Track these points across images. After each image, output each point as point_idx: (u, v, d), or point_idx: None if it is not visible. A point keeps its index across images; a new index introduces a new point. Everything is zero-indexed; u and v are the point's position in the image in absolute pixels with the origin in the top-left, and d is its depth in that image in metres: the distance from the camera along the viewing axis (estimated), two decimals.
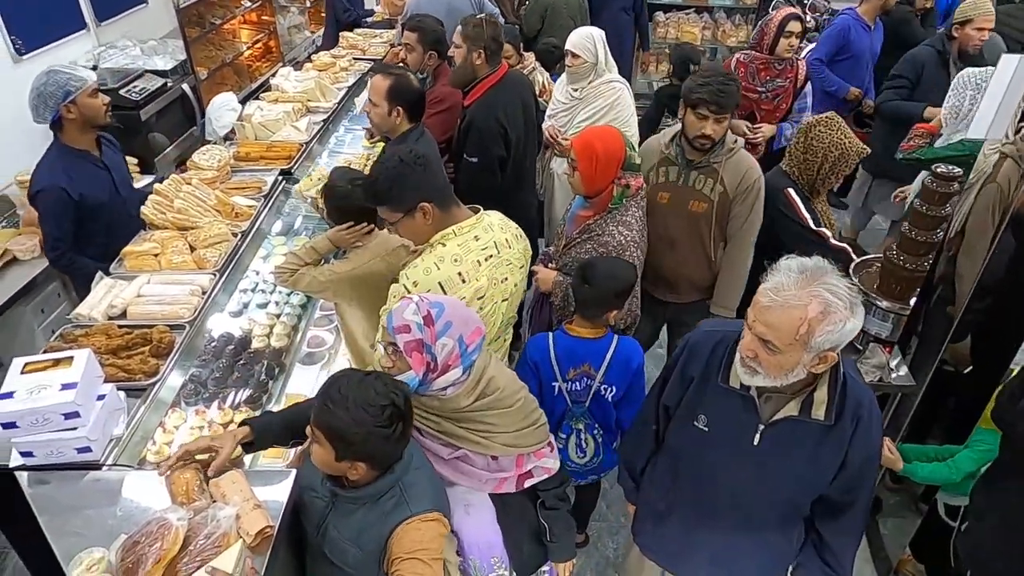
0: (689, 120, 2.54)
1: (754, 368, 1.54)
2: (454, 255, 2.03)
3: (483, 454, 1.83)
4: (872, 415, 1.62)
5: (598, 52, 3.36)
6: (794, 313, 1.43)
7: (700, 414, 1.74)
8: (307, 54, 6.13)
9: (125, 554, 1.48)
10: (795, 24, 3.69)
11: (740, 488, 1.75)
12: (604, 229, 2.40)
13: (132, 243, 2.54)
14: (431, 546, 1.59)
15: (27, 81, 3.75)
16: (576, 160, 2.36)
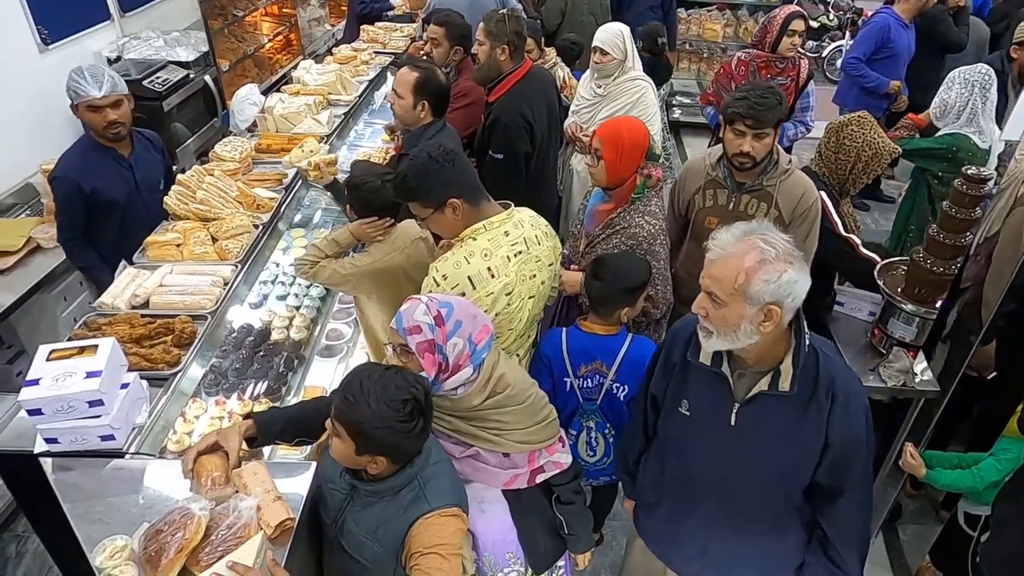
0: (727, 137, 2.41)
1: (707, 328, 1.58)
2: (484, 250, 2.03)
3: (495, 451, 1.83)
4: (851, 395, 1.62)
5: (626, 49, 3.34)
6: (731, 263, 1.50)
7: (683, 399, 1.76)
8: (327, 47, 6.15)
9: (148, 542, 1.49)
10: (798, 23, 3.58)
11: (721, 471, 1.75)
12: (630, 221, 2.38)
13: (155, 233, 2.56)
14: (451, 541, 1.59)
15: (52, 71, 3.81)
16: (601, 149, 2.34)
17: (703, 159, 2.61)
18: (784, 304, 1.49)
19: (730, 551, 1.85)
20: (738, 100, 2.35)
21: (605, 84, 3.35)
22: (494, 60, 3.10)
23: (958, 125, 3.34)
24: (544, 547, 2.05)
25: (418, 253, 2.49)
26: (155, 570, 1.45)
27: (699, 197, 2.58)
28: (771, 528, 1.79)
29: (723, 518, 1.80)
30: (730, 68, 3.81)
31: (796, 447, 1.65)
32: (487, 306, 2.02)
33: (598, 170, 2.38)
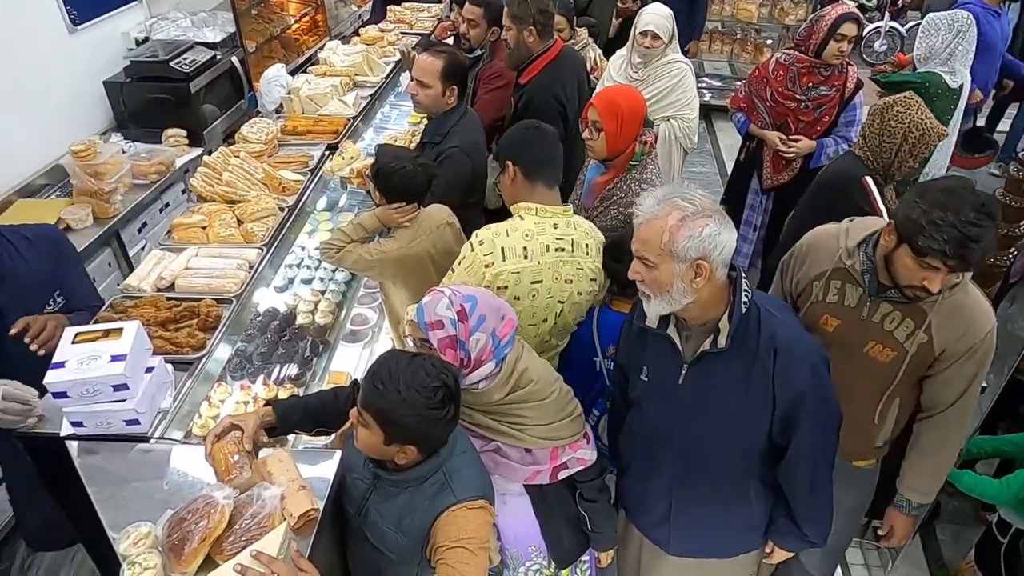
0: (904, 262, 1.72)
1: (645, 292, 1.62)
2: (527, 230, 2.02)
3: (517, 447, 1.79)
4: (794, 351, 1.61)
5: (674, 32, 3.24)
6: (656, 224, 1.54)
7: (643, 366, 1.78)
8: (353, 28, 6.10)
9: (171, 530, 1.47)
10: (850, 27, 3.12)
11: (677, 433, 1.75)
12: (627, 190, 2.35)
13: (181, 215, 2.54)
14: (477, 535, 1.55)
15: (81, 52, 3.82)
16: (600, 120, 2.30)
17: (836, 236, 1.98)
18: (712, 258, 1.52)
19: (692, 514, 1.85)
20: (939, 226, 1.62)
21: (642, 68, 3.24)
22: (523, 43, 3.02)
23: (934, 64, 3.49)
24: (568, 542, 2.02)
25: (444, 239, 2.45)
26: (178, 559, 1.43)
27: (820, 286, 1.97)
28: (731, 491, 1.79)
29: (683, 479, 1.81)
30: (766, 71, 3.42)
31: (743, 405, 1.65)
32: (509, 283, 2.00)
33: (597, 143, 2.34)
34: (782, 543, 1.86)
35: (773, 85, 3.38)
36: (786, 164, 3.47)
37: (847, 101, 3.34)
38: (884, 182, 2.66)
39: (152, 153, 3.64)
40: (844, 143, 3.39)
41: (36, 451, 1.86)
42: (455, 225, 2.50)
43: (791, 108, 3.36)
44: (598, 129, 2.32)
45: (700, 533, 1.87)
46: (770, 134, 3.42)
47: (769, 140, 3.42)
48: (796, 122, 3.39)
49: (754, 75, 3.55)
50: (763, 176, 3.60)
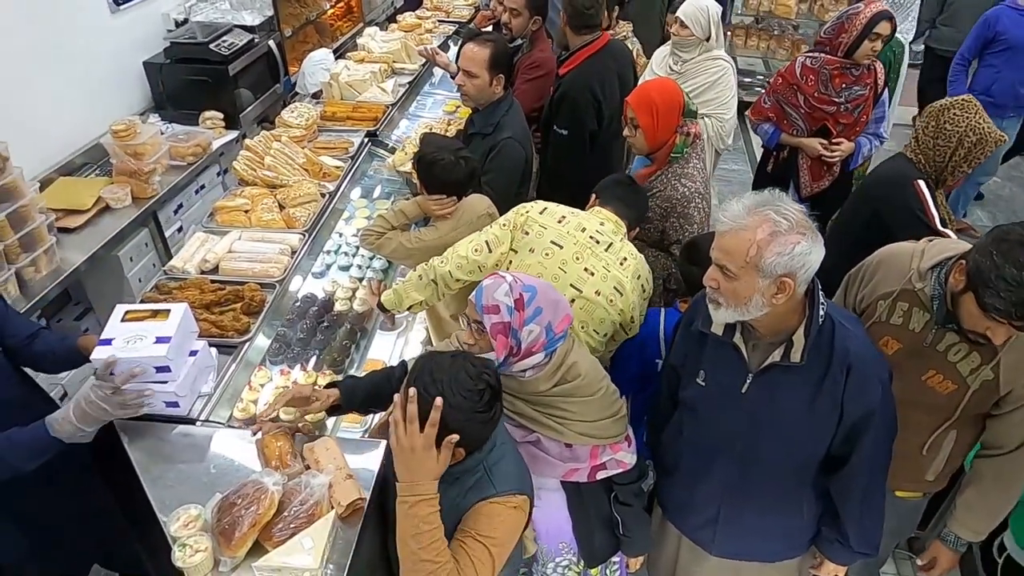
0: (969, 309, 1.66)
1: (717, 300, 1.56)
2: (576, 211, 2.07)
3: (557, 441, 1.77)
4: (867, 367, 1.58)
5: (709, 27, 3.17)
6: (744, 235, 1.47)
7: (700, 369, 1.74)
8: (385, 16, 6.07)
9: (221, 514, 1.47)
10: (885, 25, 3.03)
11: (735, 440, 1.72)
12: (666, 183, 2.34)
13: (224, 198, 2.54)
14: (505, 538, 1.53)
15: (122, 33, 3.83)
16: (636, 116, 2.28)
17: (911, 255, 1.89)
18: (797, 276, 1.47)
19: (743, 519, 1.82)
20: (1012, 289, 1.53)
21: (682, 61, 3.19)
22: (564, 33, 2.99)
23: None
24: (599, 542, 2.00)
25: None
26: (229, 542, 1.43)
27: (886, 306, 1.89)
28: (784, 499, 1.77)
29: (737, 486, 1.78)
30: (793, 76, 3.24)
31: (809, 419, 1.62)
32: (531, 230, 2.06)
33: (637, 139, 2.33)
34: (831, 555, 1.83)
35: (806, 90, 3.24)
36: (827, 170, 3.36)
37: (878, 96, 3.28)
38: (936, 186, 2.59)
39: (189, 135, 3.64)
40: (876, 140, 3.37)
41: None
42: (495, 216, 2.48)
43: (830, 112, 3.24)
44: (635, 126, 2.31)
45: (747, 536, 1.85)
46: (809, 141, 3.29)
47: (809, 148, 3.29)
48: (836, 125, 3.27)
49: (778, 83, 3.36)
50: (800, 185, 3.47)
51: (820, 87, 3.19)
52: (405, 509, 1.38)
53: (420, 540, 1.37)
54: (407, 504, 1.38)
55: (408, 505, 1.38)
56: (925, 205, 2.46)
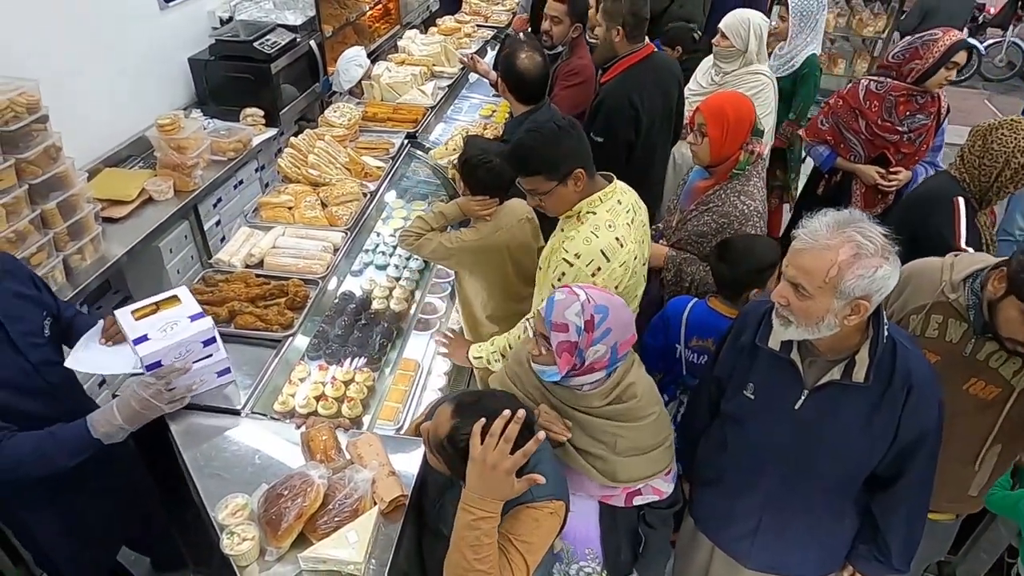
0: (1009, 314, 1.69)
1: (786, 317, 1.53)
2: (607, 221, 1.98)
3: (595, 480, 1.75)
4: (928, 388, 1.56)
5: (749, 40, 3.16)
6: (825, 255, 1.42)
7: (749, 382, 1.72)
8: (420, 19, 6.13)
9: (268, 504, 1.50)
10: (963, 54, 2.93)
11: (783, 455, 1.70)
12: (724, 199, 2.30)
13: (267, 195, 2.58)
14: (539, 543, 1.54)
15: (170, 29, 3.92)
16: (706, 125, 2.25)
17: (940, 268, 1.91)
18: (872, 298, 1.44)
19: (782, 532, 1.81)
20: None
21: (723, 73, 3.19)
22: (609, 41, 2.99)
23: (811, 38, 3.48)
24: (624, 555, 1.99)
25: (523, 233, 2.45)
26: (275, 533, 1.46)
27: (919, 320, 1.90)
28: (828, 514, 1.76)
29: (780, 499, 1.77)
30: (856, 99, 3.11)
31: (864, 436, 1.60)
32: (619, 278, 1.99)
33: (701, 148, 2.29)
34: (867, 571, 1.82)
35: (868, 116, 3.12)
36: (880, 197, 3.26)
37: (938, 127, 3.16)
38: (979, 206, 2.56)
39: (230, 131, 3.71)
40: (931, 168, 3.24)
41: None
42: (534, 220, 2.50)
43: (892, 140, 3.12)
44: (703, 134, 2.28)
45: (785, 550, 1.84)
46: (866, 169, 3.18)
47: (865, 176, 3.20)
48: (896, 154, 3.16)
49: (838, 105, 3.25)
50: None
51: (884, 114, 3.07)
52: (469, 519, 1.38)
53: (478, 551, 1.38)
54: (472, 515, 1.38)
55: (473, 516, 1.38)
56: (956, 222, 2.43)
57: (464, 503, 1.39)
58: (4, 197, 2.45)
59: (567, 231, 2.00)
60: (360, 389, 2.27)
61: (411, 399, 2.52)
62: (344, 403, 2.20)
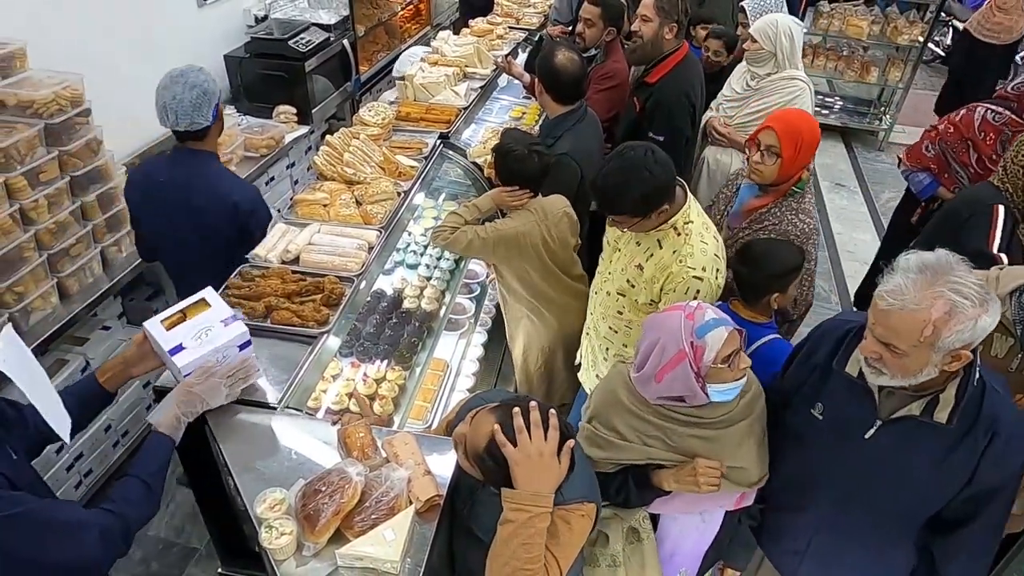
0: None
1: (879, 369, 1.46)
2: (704, 224, 2.03)
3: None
4: (1015, 437, 1.48)
5: (778, 42, 3.13)
6: (917, 316, 1.34)
7: (817, 402, 1.66)
8: (449, 20, 6.16)
9: (306, 500, 1.50)
10: None
11: (845, 481, 1.65)
12: (782, 218, 2.27)
13: (304, 191, 2.60)
14: (573, 544, 1.52)
15: (206, 27, 3.96)
16: (779, 145, 2.20)
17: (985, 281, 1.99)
18: (973, 345, 1.38)
19: (834, 555, 1.76)
20: None
21: (758, 78, 3.16)
22: (659, 39, 2.98)
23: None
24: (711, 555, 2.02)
25: (560, 228, 2.46)
26: (312, 528, 1.46)
27: None
28: (883, 546, 1.70)
29: (834, 524, 1.72)
30: (970, 129, 2.94)
31: (935, 477, 1.54)
32: (725, 270, 2.04)
33: (768, 168, 2.23)
34: None
35: (981, 148, 2.97)
36: None
37: None
38: (1020, 219, 2.51)
39: (263, 128, 3.75)
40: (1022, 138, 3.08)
41: None
42: (572, 216, 2.50)
43: None
44: (774, 154, 2.21)
45: (834, 571, 1.80)
46: None
47: None
48: None
49: (948, 132, 3.09)
50: None
51: (999, 147, 2.90)
52: (524, 518, 1.37)
53: (530, 550, 1.37)
54: (527, 514, 1.36)
55: (528, 515, 1.36)
56: (992, 230, 2.38)
57: (518, 504, 1.38)
58: (47, 188, 2.51)
59: (678, 248, 2.00)
60: (392, 387, 2.28)
61: (439, 399, 2.52)
62: (376, 401, 2.21)
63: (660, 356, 1.65)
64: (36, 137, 2.43)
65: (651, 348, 1.68)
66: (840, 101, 6.82)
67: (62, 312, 2.63)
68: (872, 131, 6.46)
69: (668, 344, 1.64)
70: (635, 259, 2.10)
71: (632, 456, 1.78)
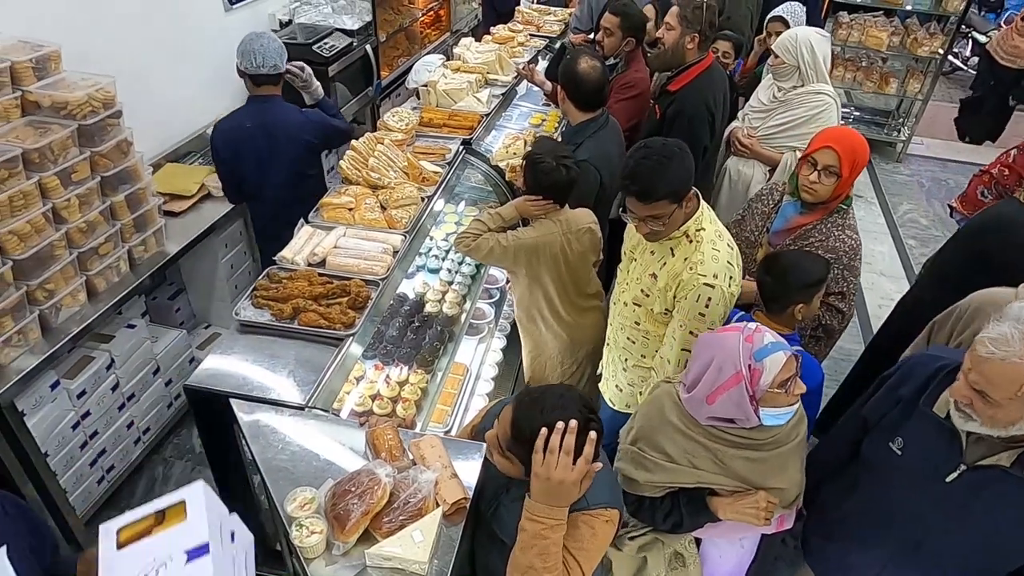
0: None
1: (968, 414, 1.43)
2: (717, 231, 2.02)
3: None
4: None
5: (799, 55, 3.14)
6: (1018, 370, 1.30)
7: (898, 436, 1.63)
8: (468, 27, 6.20)
9: (335, 500, 1.52)
10: None
11: (920, 522, 1.61)
12: (828, 234, 2.26)
13: (329, 195, 2.63)
14: (596, 549, 1.55)
15: (234, 30, 4.00)
16: (839, 165, 2.18)
17: (1011, 297, 1.86)
18: None
19: None
20: None
21: (785, 90, 3.17)
22: (680, 48, 3.00)
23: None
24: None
25: (582, 242, 2.47)
26: (342, 528, 1.48)
27: None
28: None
29: (903, 563, 1.68)
30: None
31: (1020, 534, 1.49)
32: (740, 278, 2.03)
33: (821, 186, 2.22)
34: None
35: None
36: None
37: None
38: None
39: None
40: None
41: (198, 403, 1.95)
42: (596, 232, 2.52)
43: None
44: (833, 174, 2.20)
45: None
46: None
47: None
48: None
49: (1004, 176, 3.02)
50: None
51: None
52: (538, 529, 1.41)
53: (546, 560, 1.42)
54: (541, 524, 1.41)
55: (543, 526, 1.41)
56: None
57: (532, 514, 1.42)
58: (79, 188, 2.55)
59: (689, 256, 2.00)
60: (414, 390, 2.30)
61: (459, 403, 2.54)
62: (399, 404, 2.23)
63: (715, 376, 1.63)
64: (69, 138, 2.48)
65: (704, 367, 1.66)
66: (857, 112, 6.80)
67: (89, 310, 2.67)
68: (890, 142, 6.44)
69: (724, 365, 1.61)
70: (649, 268, 2.10)
71: (681, 479, 1.76)
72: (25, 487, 2.47)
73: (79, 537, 2.75)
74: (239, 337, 2.10)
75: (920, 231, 5.43)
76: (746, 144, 3.35)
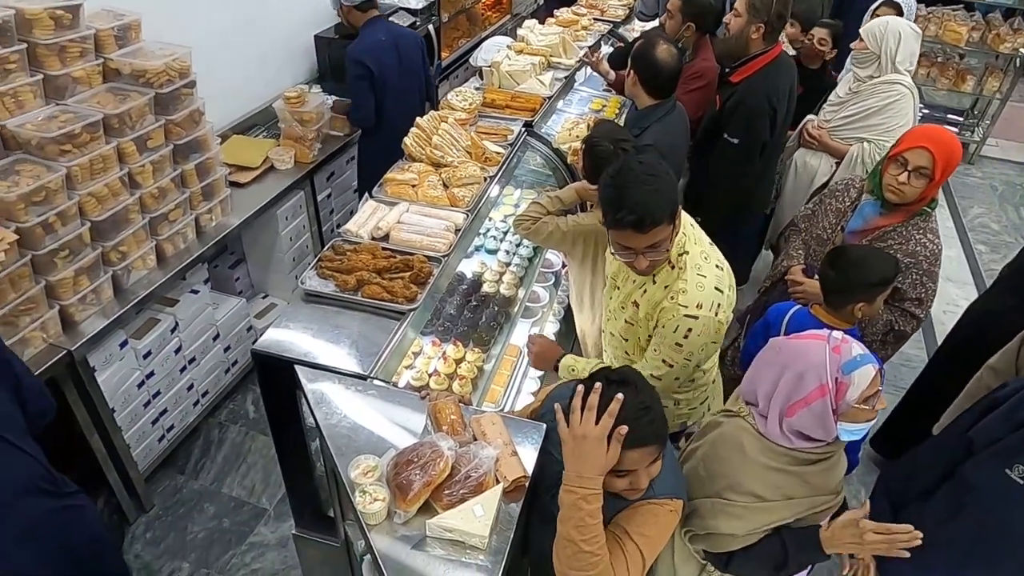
0: None
1: None
2: (701, 252, 1.87)
3: None
4: None
5: (884, 44, 3.01)
6: None
7: (1017, 464, 1.52)
8: (529, 11, 6.15)
9: (398, 469, 1.53)
10: None
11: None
12: (910, 237, 2.17)
13: (393, 171, 2.64)
14: (659, 537, 1.54)
15: (300, 7, 4.06)
16: (932, 168, 2.10)
17: None
18: None
19: None
20: None
21: (859, 80, 3.06)
22: (744, 36, 2.92)
23: None
24: None
25: None
26: (404, 497, 1.49)
27: None
28: None
29: None
30: None
31: None
32: (732, 300, 1.90)
33: (911, 187, 2.13)
34: None
35: None
36: None
37: None
38: None
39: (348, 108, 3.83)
40: None
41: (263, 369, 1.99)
42: None
43: None
44: (926, 176, 2.11)
45: None
46: None
47: None
48: None
49: None
50: None
51: None
52: (572, 499, 1.40)
53: (584, 532, 1.40)
54: (574, 495, 1.40)
55: (575, 496, 1.39)
56: None
57: (565, 484, 1.42)
58: (153, 155, 2.62)
59: (670, 284, 1.84)
60: (471, 368, 2.30)
61: (512, 384, 2.54)
62: (455, 380, 2.24)
63: (794, 388, 1.53)
64: (146, 105, 2.55)
65: (779, 377, 1.57)
66: (927, 109, 6.52)
67: (158, 274, 2.76)
68: (963, 143, 6.16)
69: (806, 375, 1.51)
70: (632, 296, 1.95)
71: (776, 517, 1.65)
72: (92, 437, 2.57)
73: (139, 490, 2.86)
74: (303, 306, 2.13)
75: (991, 236, 5.20)
76: (815, 135, 3.25)
